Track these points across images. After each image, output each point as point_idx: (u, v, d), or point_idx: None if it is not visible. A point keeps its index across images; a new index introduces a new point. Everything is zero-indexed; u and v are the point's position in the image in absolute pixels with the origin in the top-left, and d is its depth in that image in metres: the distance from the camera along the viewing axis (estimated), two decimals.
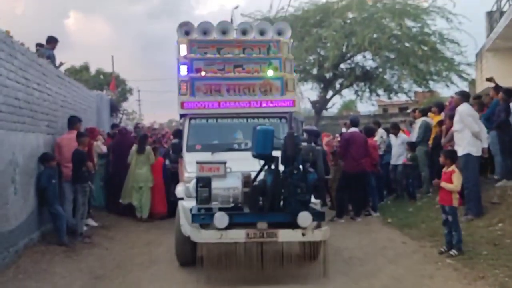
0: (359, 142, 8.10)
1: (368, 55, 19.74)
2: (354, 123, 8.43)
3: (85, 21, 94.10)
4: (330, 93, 20.50)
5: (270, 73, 6.65)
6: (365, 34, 16.69)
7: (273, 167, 4.50)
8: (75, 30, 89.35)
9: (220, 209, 4.42)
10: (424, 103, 30.70)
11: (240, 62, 6.77)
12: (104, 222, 7.94)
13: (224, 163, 4.48)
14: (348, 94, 22.09)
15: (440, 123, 8.27)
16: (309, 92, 21.51)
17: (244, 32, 7.00)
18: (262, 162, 4.56)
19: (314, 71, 20.61)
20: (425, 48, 17.80)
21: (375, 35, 17.57)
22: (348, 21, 17.95)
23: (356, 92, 21.72)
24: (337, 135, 11.85)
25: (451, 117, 6.91)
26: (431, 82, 19.64)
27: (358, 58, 20.17)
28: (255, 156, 4.53)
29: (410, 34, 17.62)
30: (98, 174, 8.78)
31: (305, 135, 8.09)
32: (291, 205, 4.44)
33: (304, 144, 4.58)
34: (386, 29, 17.20)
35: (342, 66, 20.58)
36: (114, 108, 14.38)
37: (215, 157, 5.83)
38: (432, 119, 9.19)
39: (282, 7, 18.85)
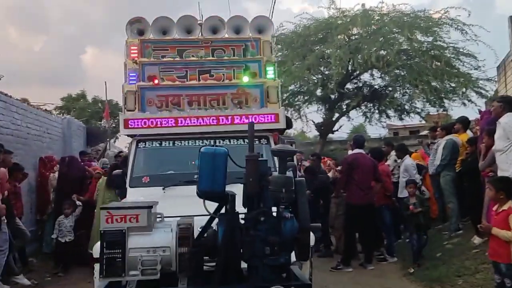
0: (365, 167, 6.41)
1: (376, 73, 18.12)
2: (358, 143, 6.75)
3: (100, 55, 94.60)
4: (336, 115, 18.79)
5: (245, 79, 5.06)
6: (372, 49, 15.13)
7: (230, 211, 2.80)
8: (91, 64, 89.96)
9: (140, 285, 2.74)
10: (435, 128, 29.00)
11: (207, 66, 5.23)
12: (43, 279, 6.23)
13: (150, 207, 2.80)
14: (356, 116, 20.32)
15: (471, 142, 6.53)
16: (314, 115, 19.73)
17: (213, 30, 5.47)
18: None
19: (318, 92, 19.02)
20: (438, 64, 16.11)
21: (382, 51, 16.01)
22: (353, 38, 16.41)
23: (364, 113, 19.99)
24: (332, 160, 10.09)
25: (491, 133, 5.18)
26: (446, 101, 17.84)
27: (365, 76, 18.56)
28: (199, 195, 2.86)
29: (422, 48, 16.01)
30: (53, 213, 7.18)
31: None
32: (256, 274, 2.73)
33: (276, 174, 2.85)
34: (395, 43, 15.62)
35: (348, 86, 18.96)
36: (94, 136, 12.89)
37: (167, 194, 4.19)
38: (458, 137, 7.48)
39: (280, 23, 17.46)
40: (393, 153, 8.44)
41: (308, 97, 19.38)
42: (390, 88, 17.97)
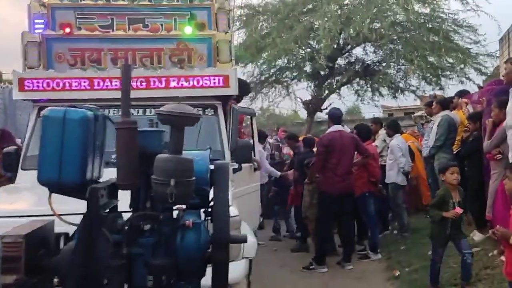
0: (345, 148, 5.31)
1: (370, 47, 16.83)
2: (335, 117, 5.61)
3: None
4: (326, 92, 17.58)
5: (188, 31, 3.89)
6: (364, 20, 13.82)
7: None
8: None
9: None
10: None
11: (140, 14, 4.04)
12: None
13: None
14: (347, 94, 19.10)
15: (473, 117, 5.43)
16: (303, 92, 18.45)
17: None
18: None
19: (308, 68, 17.76)
20: (436, 38, 14.85)
21: (376, 23, 14.72)
22: (345, 8, 15.05)
23: (356, 91, 18.77)
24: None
25: (501, 104, 4.08)
26: (443, 79, 16.64)
27: (358, 51, 17.27)
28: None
29: (419, 20, 14.73)
30: None
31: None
32: None
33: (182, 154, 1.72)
34: (389, 14, 14.31)
35: (339, 61, 17.68)
36: None
37: None
38: (457, 113, 6.42)
39: None
40: (382, 131, 7.34)
41: (297, 73, 18.15)
42: (383, 64, 16.72)
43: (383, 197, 6.23)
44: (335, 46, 16.27)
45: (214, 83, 3.73)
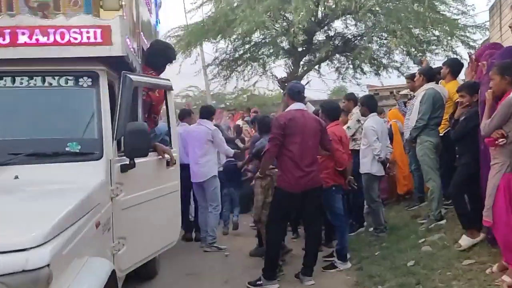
0: (309, 131, 4.16)
1: (350, 21, 15.56)
2: (294, 92, 4.42)
3: None
4: (304, 69, 16.31)
5: None
6: None
7: None
8: None
9: None
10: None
11: None
12: None
13: None
14: (328, 72, 17.86)
15: (467, 89, 4.29)
16: (280, 70, 17.17)
17: None
18: None
19: (285, 44, 16.43)
20: (421, 9, 13.61)
21: None
22: None
23: (337, 69, 17.55)
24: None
25: (505, 71, 2.94)
26: (428, 54, 15.49)
27: (338, 24, 15.98)
28: None
29: None
30: None
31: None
32: None
33: None
34: None
35: (318, 37, 16.37)
36: None
37: None
38: (444, 86, 5.31)
39: None
40: (356, 110, 6.18)
41: (273, 49, 16.83)
42: (365, 38, 15.44)
43: (356, 190, 5.11)
44: (312, 19, 15.00)
45: (88, 38, 2.51)
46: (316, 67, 17.29)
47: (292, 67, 16.17)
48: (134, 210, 2.97)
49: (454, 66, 5.37)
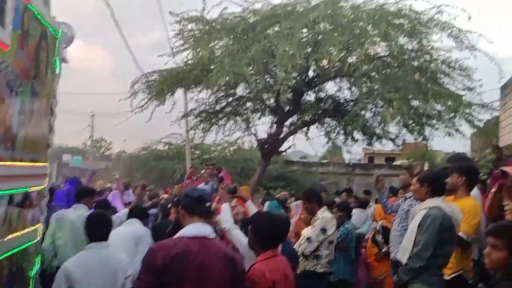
0: (204, 279, 2.23)
1: (345, 83, 14.11)
2: (193, 204, 2.57)
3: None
4: (286, 131, 14.63)
5: None
6: (335, 47, 11.01)
7: None
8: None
9: None
10: (415, 156, 24.89)
11: None
12: None
13: None
14: (317, 135, 16.15)
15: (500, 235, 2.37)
16: (265, 128, 15.47)
17: None
18: None
19: (271, 102, 14.91)
20: (423, 79, 12.14)
21: (350, 53, 12.03)
22: (314, 30, 12.27)
23: (327, 133, 15.90)
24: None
25: None
26: (427, 128, 13.96)
27: (330, 86, 14.54)
28: None
29: (402, 55, 12.05)
30: None
31: None
32: None
33: None
34: (367, 43, 11.53)
35: (308, 97, 14.85)
36: None
37: None
38: (456, 203, 3.42)
39: (221, 4, 12.98)
40: (321, 213, 4.25)
41: (258, 105, 15.29)
42: (359, 103, 13.84)
43: None
44: (303, 78, 13.53)
45: None
46: (305, 129, 15.70)
47: (275, 127, 14.49)
48: None
49: (471, 174, 3.52)
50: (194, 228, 2.43)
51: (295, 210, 7.04)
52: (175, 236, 2.52)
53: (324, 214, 4.19)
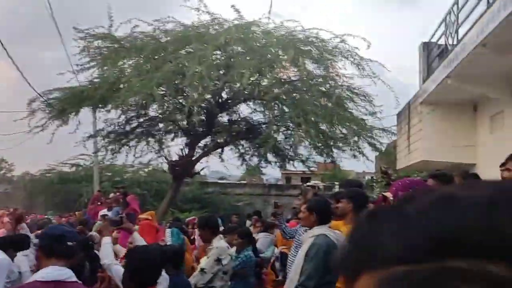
0: None
1: (258, 106, 14.29)
2: (51, 243, 2.26)
3: None
4: (200, 152, 14.39)
5: None
6: (245, 70, 11.11)
7: None
8: None
9: None
10: (328, 176, 25.94)
11: None
12: None
13: None
14: (231, 157, 16.09)
15: None
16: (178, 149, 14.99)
17: None
18: None
19: (184, 124, 14.57)
20: (330, 104, 12.68)
21: (260, 77, 12.24)
22: (226, 52, 12.35)
23: (241, 155, 15.91)
24: None
25: None
26: (335, 150, 14.54)
27: (244, 108, 14.63)
28: None
29: (310, 80, 12.53)
30: None
31: None
32: None
33: None
34: (276, 68, 11.84)
35: (222, 118, 14.79)
36: None
37: None
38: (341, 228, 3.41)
39: (131, 22, 12.54)
40: (217, 242, 4.08)
41: (171, 126, 14.86)
42: (273, 126, 14.05)
43: None
44: (216, 99, 13.49)
45: None
46: (219, 150, 15.58)
47: (187, 149, 14.18)
48: None
49: (358, 200, 3.58)
50: (50, 272, 2.13)
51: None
52: (29, 280, 2.19)
53: (219, 243, 4.02)
